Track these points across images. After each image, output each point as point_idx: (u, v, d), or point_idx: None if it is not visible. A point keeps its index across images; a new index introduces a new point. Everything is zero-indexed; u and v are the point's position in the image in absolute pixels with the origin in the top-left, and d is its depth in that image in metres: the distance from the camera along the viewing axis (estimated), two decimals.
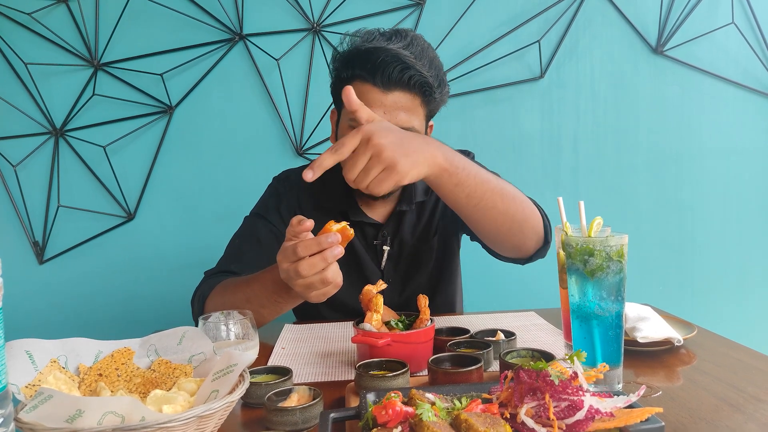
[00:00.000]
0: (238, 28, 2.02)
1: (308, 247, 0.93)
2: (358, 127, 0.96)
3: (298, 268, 0.93)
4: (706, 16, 2.08)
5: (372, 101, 1.21)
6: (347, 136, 0.94)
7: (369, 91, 1.21)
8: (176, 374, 0.86)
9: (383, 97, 1.21)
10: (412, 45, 1.23)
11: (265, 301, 1.12)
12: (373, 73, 1.20)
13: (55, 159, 2.04)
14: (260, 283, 1.12)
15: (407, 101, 1.23)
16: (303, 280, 0.95)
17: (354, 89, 1.19)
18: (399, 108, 1.22)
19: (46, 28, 1.99)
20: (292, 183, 1.45)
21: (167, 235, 2.08)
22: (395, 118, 1.22)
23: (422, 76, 1.21)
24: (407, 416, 0.63)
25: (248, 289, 1.15)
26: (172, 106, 2.04)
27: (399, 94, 1.22)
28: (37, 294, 2.07)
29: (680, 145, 2.14)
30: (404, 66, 1.19)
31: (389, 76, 1.19)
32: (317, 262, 0.93)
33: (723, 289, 2.18)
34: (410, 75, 1.20)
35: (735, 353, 1.04)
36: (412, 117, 1.24)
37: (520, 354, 0.90)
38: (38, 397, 0.65)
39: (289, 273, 0.96)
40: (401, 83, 1.21)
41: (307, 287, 0.96)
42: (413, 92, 1.23)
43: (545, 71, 2.08)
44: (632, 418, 0.63)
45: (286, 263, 0.95)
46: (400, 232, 1.40)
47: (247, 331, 1.01)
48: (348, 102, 1.00)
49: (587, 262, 0.83)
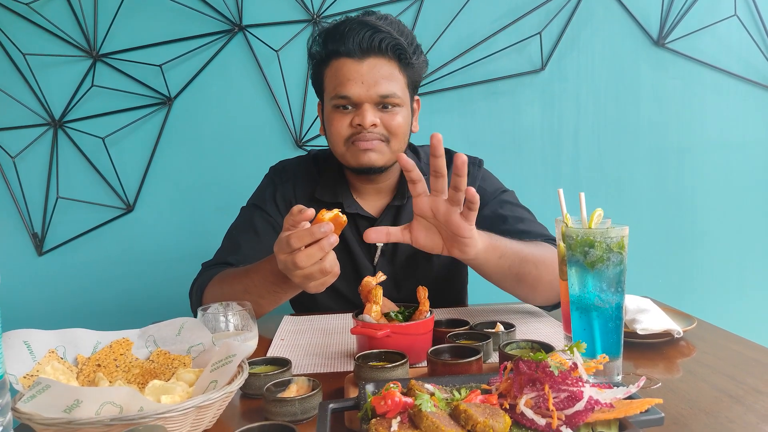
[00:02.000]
0: (238, 19, 2.01)
1: (301, 237, 0.92)
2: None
3: (295, 259, 0.93)
4: (708, 8, 2.07)
5: (348, 73, 1.21)
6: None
7: (344, 64, 1.22)
8: (175, 365, 0.86)
9: (359, 66, 1.21)
10: (380, 18, 1.25)
11: (263, 291, 1.12)
12: (345, 42, 1.21)
13: (54, 150, 2.03)
14: (259, 274, 1.12)
15: (384, 66, 1.23)
16: (301, 271, 0.95)
17: (331, 68, 1.23)
18: (377, 76, 1.22)
19: (45, 19, 1.98)
20: (287, 174, 1.44)
21: (166, 227, 2.08)
22: (375, 87, 1.22)
23: (394, 38, 1.22)
24: (406, 407, 0.63)
25: (247, 279, 1.14)
26: (172, 98, 2.03)
27: (374, 60, 1.22)
28: (36, 285, 2.07)
29: (681, 138, 2.13)
30: (374, 30, 1.20)
31: (360, 44, 1.20)
32: (314, 253, 0.93)
33: (723, 282, 2.18)
34: (381, 38, 1.21)
35: (734, 345, 1.03)
36: (391, 83, 1.23)
37: (519, 345, 0.90)
38: (36, 387, 0.65)
39: (286, 264, 0.95)
40: (373, 48, 1.21)
41: (306, 278, 0.96)
42: (388, 56, 1.23)
43: (546, 63, 2.07)
44: (632, 409, 0.63)
45: (283, 255, 0.95)
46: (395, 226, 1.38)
47: (246, 323, 1.01)
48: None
49: (587, 254, 0.82)
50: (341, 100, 1.23)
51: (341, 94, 1.22)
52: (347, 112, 1.25)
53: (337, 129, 1.26)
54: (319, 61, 1.28)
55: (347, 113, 1.25)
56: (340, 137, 1.26)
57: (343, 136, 1.26)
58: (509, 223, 1.33)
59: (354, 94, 1.22)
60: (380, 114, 1.24)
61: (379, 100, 1.23)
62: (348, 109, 1.25)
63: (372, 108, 1.23)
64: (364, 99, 1.22)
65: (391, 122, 1.25)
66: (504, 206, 1.38)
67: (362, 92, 1.22)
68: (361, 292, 1.04)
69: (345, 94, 1.22)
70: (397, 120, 1.26)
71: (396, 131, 1.26)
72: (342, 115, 1.25)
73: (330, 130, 1.28)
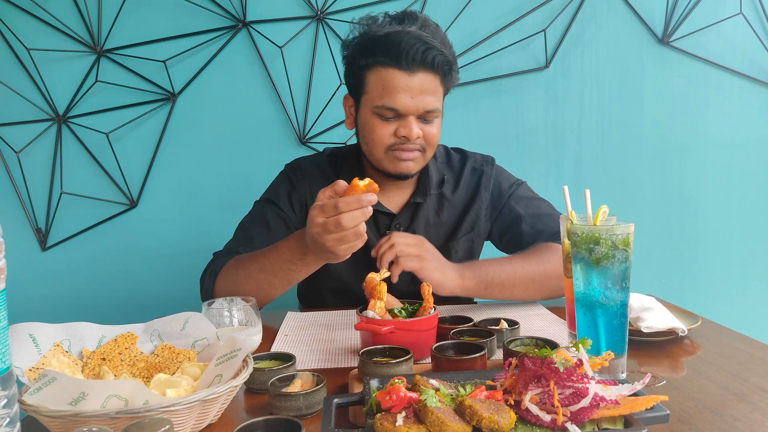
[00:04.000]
0: (242, 15, 2.01)
1: (349, 203, 0.97)
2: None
3: (340, 220, 0.97)
4: (714, 6, 2.06)
5: (398, 86, 1.22)
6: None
7: (394, 75, 1.23)
8: (180, 359, 0.86)
9: (409, 80, 1.23)
10: (425, 26, 1.25)
11: (278, 269, 1.15)
12: (398, 56, 1.21)
13: (57, 146, 2.03)
14: (275, 252, 1.15)
15: (431, 82, 1.25)
16: (337, 234, 0.98)
17: (377, 75, 1.24)
18: (424, 91, 1.24)
19: (49, 14, 1.98)
20: (304, 172, 1.45)
21: (169, 223, 2.08)
22: (422, 102, 1.24)
23: (443, 55, 1.24)
24: (411, 402, 0.63)
25: (262, 258, 1.18)
26: (175, 94, 2.03)
27: (423, 75, 1.23)
28: (39, 281, 2.07)
29: (685, 137, 2.13)
30: (427, 46, 1.21)
31: (413, 58, 1.21)
32: (358, 215, 0.97)
33: (726, 280, 2.18)
34: (433, 55, 1.22)
35: (739, 344, 1.03)
36: (435, 99, 1.27)
37: (523, 342, 0.90)
38: (42, 380, 0.65)
39: (326, 227, 0.98)
40: (425, 64, 1.22)
41: (339, 240, 1.00)
42: (435, 72, 1.25)
43: (550, 61, 2.07)
44: (637, 406, 0.63)
45: (323, 217, 0.99)
46: (414, 223, 1.40)
47: (250, 318, 1.01)
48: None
49: (593, 251, 0.82)
50: (388, 111, 1.25)
51: (389, 105, 1.24)
52: (390, 121, 1.27)
53: (379, 137, 1.28)
54: (362, 65, 1.27)
55: (390, 122, 1.27)
56: (381, 144, 1.28)
57: (384, 144, 1.28)
58: (526, 222, 1.40)
59: (402, 107, 1.24)
60: (421, 125, 1.28)
61: (424, 113, 1.26)
62: (390, 119, 1.26)
63: (415, 120, 1.26)
64: (411, 112, 1.25)
65: (430, 134, 1.29)
66: (520, 203, 1.43)
67: (410, 105, 1.24)
68: (365, 288, 1.04)
69: (393, 106, 1.24)
70: (435, 131, 1.31)
71: (433, 142, 1.31)
72: (385, 124, 1.27)
73: (370, 136, 1.29)
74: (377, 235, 1.39)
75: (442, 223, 1.42)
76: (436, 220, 1.42)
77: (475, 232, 1.43)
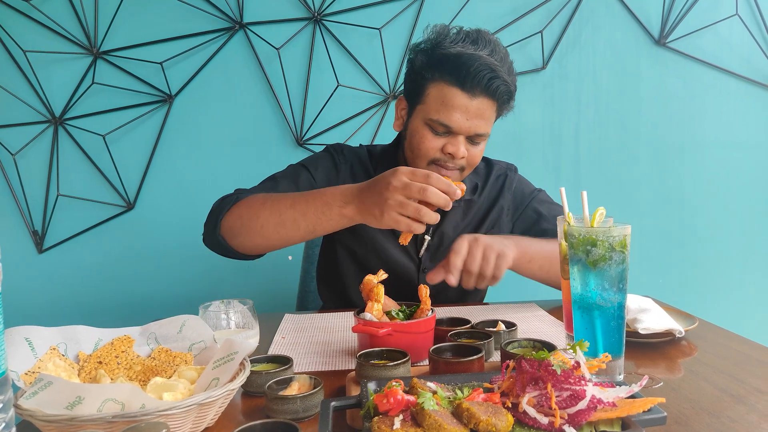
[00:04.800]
0: (239, 16, 2.01)
1: (441, 181, 1.01)
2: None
3: (426, 189, 1.00)
4: (710, 7, 2.07)
5: (458, 106, 1.24)
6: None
7: (456, 95, 1.23)
8: (176, 362, 0.86)
9: (469, 102, 1.23)
10: (495, 52, 1.25)
11: (311, 210, 1.14)
12: (464, 78, 1.22)
13: (54, 148, 2.03)
14: (317, 193, 1.15)
15: (488, 108, 1.26)
16: (405, 199, 1.01)
17: (438, 90, 1.26)
18: (480, 115, 1.25)
19: (45, 16, 1.97)
20: (347, 157, 1.46)
21: (166, 225, 2.08)
22: (474, 125, 1.26)
23: (507, 86, 1.25)
24: (409, 405, 0.63)
25: (299, 196, 1.17)
26: (172, 95, 2.03)
27: (483, 100, 1.24)
28: (36, 283, 2.07)
29: (682, 137, 2.13)
30: (493, 75, 1.22)
31: (478, 83, 1.22)
32: (441, 197, 1.01)
33: (724, 281, 2.18)
34: (498, 85, 1.23)
35: (736, 345, 1.03)
36: (488, 124, 1.28)
37: (521, 344, 0.90)
38: (38, 384, 0.65)
39: (408, 188, 1.00)
40: (487, 91, 1.23)
41: (401, 206, 1.02)
42: (494, 99, 1.26)
43: (547, 62, 2.07)
44: (635, 408, 0.63)
45: (410, 179, 1.01)
46: (443, 225, 1.42)
47: (247, 320, 1.01)
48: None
49: (590, 253, 0.82)
50: (441, 126, 1.26)
51: (443, 122, 1.25)
52: (440, 136, 1.28)
53: (427, 148, 1.29)
54: (427, 77, 1.28)
55: (440, 137, 1.28)
56: (426, 156, 1.30)
57: (429, 157, 1.30)
58: (549, 221, 1.46)
59: (456, 126, 1.25)
60: (468, 146, 1.29)
61: (474, 135, 1.28)
62: (441, 134, 1.27)
63: (464, 140, 1.28)
64: (463, 132, 1.26)
65: (474, 155, 1.31)
66: (543, 205, 1.50)
67: (463, 126, 1.25)
68: (363, 290, 1.04)
69: (448, 123, 1.25)
70: (479, 153, 1.32)
71: (474, 163, 1.33)
72: (435, 137, 1.28)
73: (418, 145, 1.30)
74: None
75: (467, 226, 1.46)
76: (462, 223, 1.45)
77: (496, 230, 1.47)
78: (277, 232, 1.18)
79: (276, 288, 1.99)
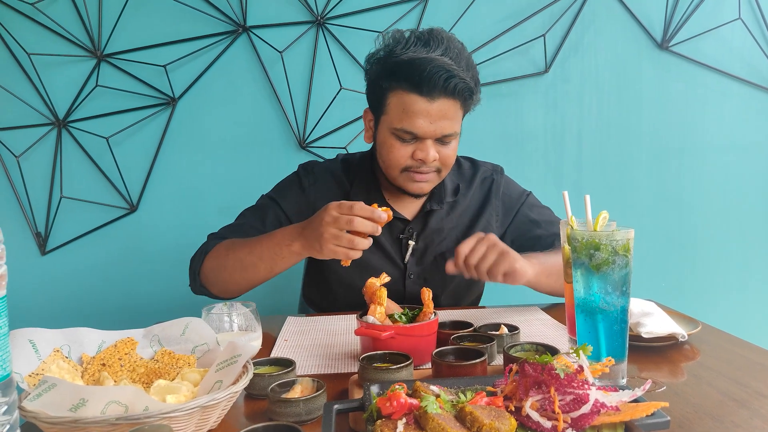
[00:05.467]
0: (242, 19, 2.01)
1: (365, 210, 1.05)
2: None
3: (353, 220, 1.04)
4: (712, 11, 2.07)
5: (419, 111, 1.23)
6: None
7: (415, 101, 1.23)
8: (180, 364, 0.86)
9: (429, 106, 1.23)
10: (449, 49, 1.24)
11: (265, 253, 1.20)
12: (419, 84, 1.21)
13: (57, 150, 2.03)
14: (268, 237, 1.21)
15: (450, 108, 1.25)
16: (338, 231, 1.05)
17: (398, 98, 1.25)
18: (443, 116, 1.24)
19: (49, 18, 1.98)
20: (316, 177, 1.45)
21: (169, 227, 2.08)
22: (440, 127, 1.25)
23: (465, 83, 1.24)
24: (412, 408, 0.63)
25: (254, 242, 1.23)
26: (175, 98, 2.04)
27: (443, 101, 1.23)
28: (39, 285, 2.07)
29: (684, 141, 2.13)
30: (449, 75, 1.21)
31: (435, 85, 1.21)
32: (368, 225, 1.04)
33: (726, 285, 2.18)
34: (455, 83, 1.22)
35: (739, 349, 1.03)
36: (453, 123, 1.27)
37: (524, 348, 0.90)
38: (42, 386, 0.65)
39: (338, 221, 1.05)
40: (446, 91, 1.22)
41: (335, 238, 1.06)
42: (455, 98, 1.25)
43: (550, 66, 2.07)
44: (638, 412, 0.63)
45: (338, 212, 1.05)
46: (427, 229, 1.41)
47: (250, 323, 1.01)
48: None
49: (593, 257, 0.82)
50: (406, 134, 1.26)
51: (407, 129, 1.25)
52: (408, 143, 1.27)
53: (396, 158, 1.29)
54: (384, 87, 1.28)
55: (408, 144, 1.28)
56: (397, 165, 1.30)
57: (401, 165, 1.29)
58: (542, 227, 1.45)
59: (420, 132, 1.25)
60: (438, 147, 1.28)
61: (441, 137, 1.27)
62: (408, 141, 1.27)
63: (433, 143, 1.27)
64: (429, 136, 1.26)
65: (446, 155, 1.30)
66: (533, 210, 1.48)
67: (428, 130, 1.25)
68: (365, 293, 1.04)
69: (412, 130, 1.25)
70: (452, 152, 1.31)
71: (449, 163, 1.32)
72: (402, 145, 1.28)
73: (387, 156, 1.30)
74: (390, 240, 1.41)
75: (453, 228, 1.44)
76: (448, 227, 1.43)
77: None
78: (243, 277, 1.25)
79: (279, 291, 1.99)
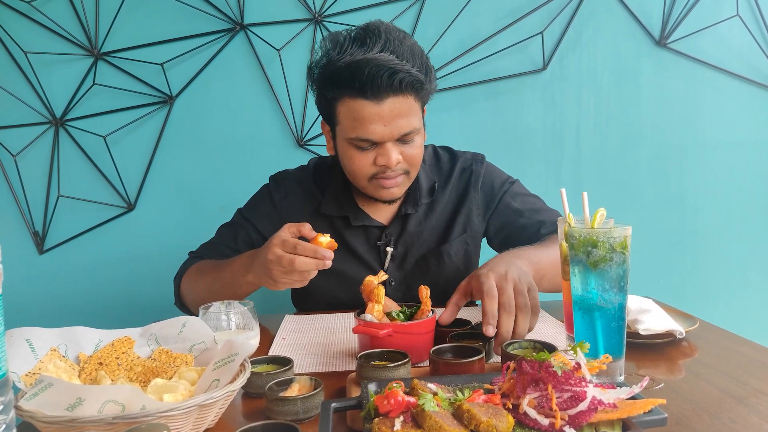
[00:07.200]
0: (239, 17, 2.01)
1: (307, 249, 1.01)
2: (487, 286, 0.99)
3: (294, 260, 1.00)
4: (711, 8, 2.07)
5: (370, 116, 1.17)
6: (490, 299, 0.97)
7: (363, 106, 1.16)
8: (177, 363, 0.86)
9: (379, 108, 1.16)
10: (388, 42, 1.16)
11: (227, 282, 1.21)
12: (362, 87, 1.14)
13: (55, 149, 2.03)
14: (228, 265, 1.22)
15: (402, 104, 1.18)
16: (285, 269, 1.02)
17: (345, 107, 1.20)
18: (397, 115, 1.18)
19: (46, 17, 1.97)
20: (287, 190, 1.43)
21: (167, 226, 2.08)
22: (396, 128, 1.19)
23: (412, 75, 1.16)
24: (409, 406, 0.63)
25: (218, 269, 1.25)
26: (173, 96, 2.03)
27: (393, 100, 1.17)
28: (37, 284, 2.07)
29: (683, 138, 2.13)
30: (392, 71, 1.13)
31: (378, 86, 1.14)
32: (311, 263, 1.01)
33: (725, 282, 2.18)
34: (400, 78, 1.15)
35: (737, 346, 1.03)
36: (411, 119, 1.21)
37: (521, 345, 0.90)
38: (38, 385, 0.65)
39: (281, 260, 1.01)
40: (392, 89, 1.15)
41: (284, 274, 1.04)
42: (406, 93, 1.18)
43: (548, 63, 2.07)
44: (635, 409, 0.63)
45: (282, 251, 1.02)
46: (405, 233, 1.38)
47: (247, 321, 1.01)
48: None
49: (590, 254, 0.82)
50: (363, 142, 1.20)
51: (363, 137, 1.19)
52: (367, 150, 1.22)
53: (359, 167, 1.24)
54: (329, 98, 1.22)
55: (368, 152, 1.22)
56: (362, 175, 1.25)
57: (366, 174, 1.25)
58: (526, 216, 1.38)
59: (377, 137, 1.19)
60: (401, 148, 1.23)
61: (401, 137, 1.21)
62: (367, 149, 1.22)
63: (393, 145, 1.21)
64: (387, 139, 1.20)
65: (411, 155, 1.25)
66: (516, 199, 1.42)
67: (384, 133, 1.19)
68: (363, 291, 1.04)
69: (367, 137, 1.19)
70: (417, 151, 1.26)
71: (415, 162, 1.27)
72: (362, 154, 1.22)
73: (350, 167, 1.26)
74: (367, 247, 1.39)
75: (432, 228, 1.40)
76: (426, 227, 1.39)
77: (468, 233, 1.41)
78: (214, 301, 1.25)
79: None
